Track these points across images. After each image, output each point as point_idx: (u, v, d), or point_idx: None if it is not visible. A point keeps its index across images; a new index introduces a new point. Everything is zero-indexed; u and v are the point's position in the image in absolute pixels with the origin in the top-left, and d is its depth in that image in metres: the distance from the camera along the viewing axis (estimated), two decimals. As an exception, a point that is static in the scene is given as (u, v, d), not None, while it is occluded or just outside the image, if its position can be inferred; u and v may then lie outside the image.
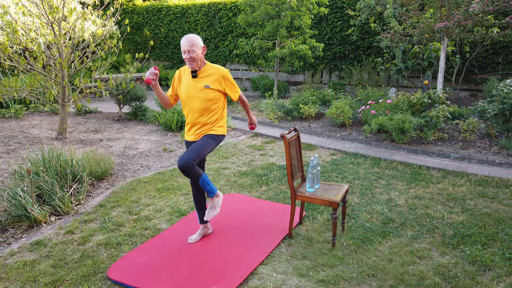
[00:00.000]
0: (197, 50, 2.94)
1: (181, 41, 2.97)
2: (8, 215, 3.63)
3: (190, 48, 2.92)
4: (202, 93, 3.01)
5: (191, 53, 2.92)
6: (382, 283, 2.76)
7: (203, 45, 3.02)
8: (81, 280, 2.80)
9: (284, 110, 8.07)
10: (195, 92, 3.03)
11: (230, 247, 3.25)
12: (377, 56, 10.04)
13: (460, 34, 7.19)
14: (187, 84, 3.07)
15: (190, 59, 2.95)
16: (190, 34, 3.01)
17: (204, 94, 3.00)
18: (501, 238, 3.36)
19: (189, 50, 2.92)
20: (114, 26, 8.61)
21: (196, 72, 3.03)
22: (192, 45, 2.92)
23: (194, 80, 3.04)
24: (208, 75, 3.03)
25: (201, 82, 3.02)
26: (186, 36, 2.97)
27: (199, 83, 3.02)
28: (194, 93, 3.03)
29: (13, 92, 6.01)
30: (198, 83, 3.03)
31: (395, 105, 6.77)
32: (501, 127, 6.06)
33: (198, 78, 3.03)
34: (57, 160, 4.23)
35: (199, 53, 2.96)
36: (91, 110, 9.13)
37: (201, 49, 2.98)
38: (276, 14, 9.19)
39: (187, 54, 2.93)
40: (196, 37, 2.97)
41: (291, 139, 3.37)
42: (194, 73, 3.03)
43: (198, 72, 3.03)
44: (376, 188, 4.51)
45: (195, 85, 3.03)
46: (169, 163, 5.53)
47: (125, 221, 3.72)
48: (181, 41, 2.97)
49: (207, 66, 3.07)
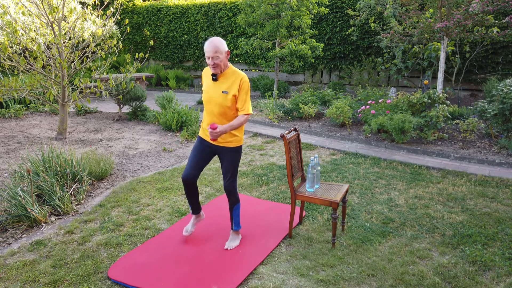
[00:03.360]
0: (221, 56, 2.86)
1: (205, 45, 2.86)
2: (8, 215, 3.63)
3: (214, 55, 2.83)
4: (220, 98, 2.95)
5: (215, 59, 2.84)
6: (382, 283, 2.76)
7: (227, 49, 2.93)
8: (81, 280, 2.80)
9: (284, 110, 8.07)
10: (214, 95, 2.98)
11: (230, 247, 3.26)
12: (377, 56, 10.04)
13: (460, 34, 7.19)
14: (208, 86, 3.03)
15: (214, 65, 2.87)
16: (214, 37, 2.90)
17: (222, 99, 2.95)
18: (501, 238, 3.37)
19: (213, 56, 2.83)
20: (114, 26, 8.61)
21: (217, 76, 2.96)
22: (216, 51, 2.83)
23: (214, 83, 2.99)
24: (227, 79, 2.95)
25: (220, 87, 2.96)
26: (210, 40, 2.85)
27: (218, 87, 2.97)
28: (213, 96, 2.98)
29: (13, 92, 6.00)
30: (217, 87, 2.97)
31: (395, 105, 6.77)
32: (501, 127, 6.06)
33: (218, 82, 2.98)
34: (57, 160, 4.23)
35: (223, 58, 2.88)
36: (91, 110, 9.12)
37: (225, 54, 2.89)
38: (276, 14, 9.19)
39: (211, 60, 2.85)
40: (220, 42, 2.86)
41: (291, 139, 3.37)
42: (214, 76, 2.96)
43: (219, 76, 2.97)
44: (376, 188, 4.51)
45: (215, 89, 2.98)
46: (169, 163, 5.53)
47: (125, 221, 3.72)
48: (205, 45, 2.87)
49: (229, 70, 2.97)
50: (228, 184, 3.14)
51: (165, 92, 8.12)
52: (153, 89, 13.23)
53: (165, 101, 8.16)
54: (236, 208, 3.22)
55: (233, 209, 3.22)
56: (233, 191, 3.16)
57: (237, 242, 3.27)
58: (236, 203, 3.21)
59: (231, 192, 3.16)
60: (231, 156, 3.11)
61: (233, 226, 3.26)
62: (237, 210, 3.23)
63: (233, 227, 3.26)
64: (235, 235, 3.29)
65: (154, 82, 13.66)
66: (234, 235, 3.28)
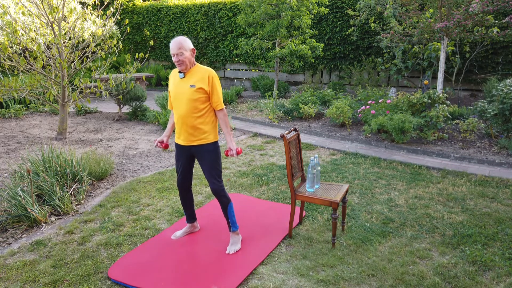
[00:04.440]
0: (186, 52, 2.96)
1: (170, 44, 2.99)
2: (8, 215, 3.63)
3: (178, 51, 2.94)
4: (188, 92, 3.00)
5: (179, 55, 2.95)
6: (382, 283, 2.76)
7: (192, 47, 3.03)
8: (81, 280, 2.80)
9: (284, 110, 8.08)
10: (181, 91, 3.03)
11: (230, 247, 3.25)
12: (377, 56, 10.04)
13: (460, 34, 7.19)
14: (175, 84, 3.09)
15: (178, 62, 2.97)
16: (179, 36, 3.03)
17: (190, 93, 3.00)
18: (501, 238, 3.37)
19: (177, 53, 2.94)
20: (114, 26, 8.61)
21: (184, 73, 3.05)
22: (180, 48, 2.94)
23: (181, 80, 3.06)
24: (194, 75, 3.03)
25: (187, 82, 3.03)
26: (174, 39, 2.99)
27: (185, 83, 3.03)
28: (181, 92, 3.03)
29: (13, 92, 6.00)
30: (184, 83, 3.03)
31: (395, 105, 6.77)
32: (501, 127, 6.06)
33: (185, 78, 3.05)
34: (57, 160, 4.23)
35: (187, 55, 2.97)
36: (91, 110, 9.13)
37: (190, 51, 2.99)
38: (276, 14, 9.19)
39: (175, 57, 2.96)
40: (184, 40, 2.98)
41: (291, 139, 3.37)
42: (181, 74, 3.05)
43: (186, 73, 3.05)
44: (376, 188, 4.51)
45: (182, 85, 3.04)
46: (169, 163, 5.53)
47: (125, 221, 3.72)
48: (170, 44, 2.98)
49: (196, 67, 3.06)
50: (214, 185, 3.08)
51: (165, 92, 8.12)
52: (153, 89, 13.23)
53: (165, 101, 8.17)
54: (229, 208, 3.17)
55: (227, 210, 3.17)
56: (221, 191, 3.11)
57: (238, 245, 3.22)
58: (227, 203, 3.16)
59: (219, 193, 3.11)
60: (209, 157, 3.08)
61: (231, 227, 3.22)
62: (231, 210, 3.18)
63: (230, 228, 3.22)
64: (235, 237, 3.26)
65: (154, 82, 13.66)
66: (234, 236, 3.25)
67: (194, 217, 3.46)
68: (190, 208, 3.40)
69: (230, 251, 3.17)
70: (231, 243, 3.23)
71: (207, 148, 3.08)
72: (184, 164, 3.21)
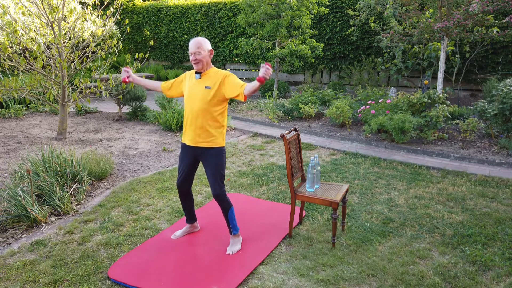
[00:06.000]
0: (204, 52, 3.00)
1: (189, 44, 3.03)
2: (8, 215, 3.63)
3: (196, 50, 2.98)
4: (202, 93, 3.03)
5: (197, 55, 2.99)
6: (382, 283, 2.76)
7: (211, 48, 3.07)
8: (81, 280, 2.80)
9: (284, 110, 8.07)
10: (195, 91, 3.06)
11: (230, 247, 3.25)
12: (377, 56, 10.04)
13: (460, 34, 7.19)
14: (191, 84, 3.12)
15: (196, 61, 3.00)
16: (199, 37, 3.08)
17: (203, 94, 3.02)
18: (501, 238, 3.37)
19: (195, 52, 2.98)
20: (114, 26, 8.61)
21: (200, 73, 3.07)
22: (198, 47, 2.98)
23: (197, 80, 3.09)
24: (211, 77, 3.06)
25: (203, 83, 3.06)
26: (194, 39, 3.04)
27: (201, 84, 3.06)
28: (195, 93, 3.06)
29: (13, 92, 6.00)
30: (200, 84, 3.06)
31: (395, 105, 6.77)
32: (501, 127, 6.06)
33: (201, 79, 3.07)
34: (57, 160, 4.23)
35: (205, 55, 3.01)
36: (91, 110, 9.12)
37: (208, 52, 3.04)
38: (276, 14, 9.19)
39: (193, 56, 3.00)
40: (204, 40, 3.03)
41: (291, 139, 3.37)
42: (198, 74, 3.08)
43: (202, 74, 3.08)
44: (376, 188, 4.51)
45: (197, 86, 3.07)
46: (169, 163, 5.53)
47: (125, 221, 3.72)
48: (189, 44, 3.04)
49: (213, 70, 3.10)
50: (217, 190, 3.06)
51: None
52: (153, 89, 13.21)
53: (165, 101, 8.17)
54: (230, 213, 3.16)
55: (228, 214, 3.16)
56: (223, 196, 3.10)
57: (239, 246, 3.22)
58: (229, 207, 3.15)
59: (221, 198, 3.09)
60: (214, 160, 3.06)
61: (231, 231, 3.21)
62: (232, 214, 3.17)
63: (231, 232, 3.21)
64: (235, 239, 3.25)
65: (154, 82, 13.65)
66: (235, 238, 3.25)
67: (194, 218, 3.46)
68: (190, 209, 3.40)
69: (230, 252, 3.17)
70: (232, 243, 3.23)
71: (214, 152, 3.08)
72: (188, 166, 3.20)
